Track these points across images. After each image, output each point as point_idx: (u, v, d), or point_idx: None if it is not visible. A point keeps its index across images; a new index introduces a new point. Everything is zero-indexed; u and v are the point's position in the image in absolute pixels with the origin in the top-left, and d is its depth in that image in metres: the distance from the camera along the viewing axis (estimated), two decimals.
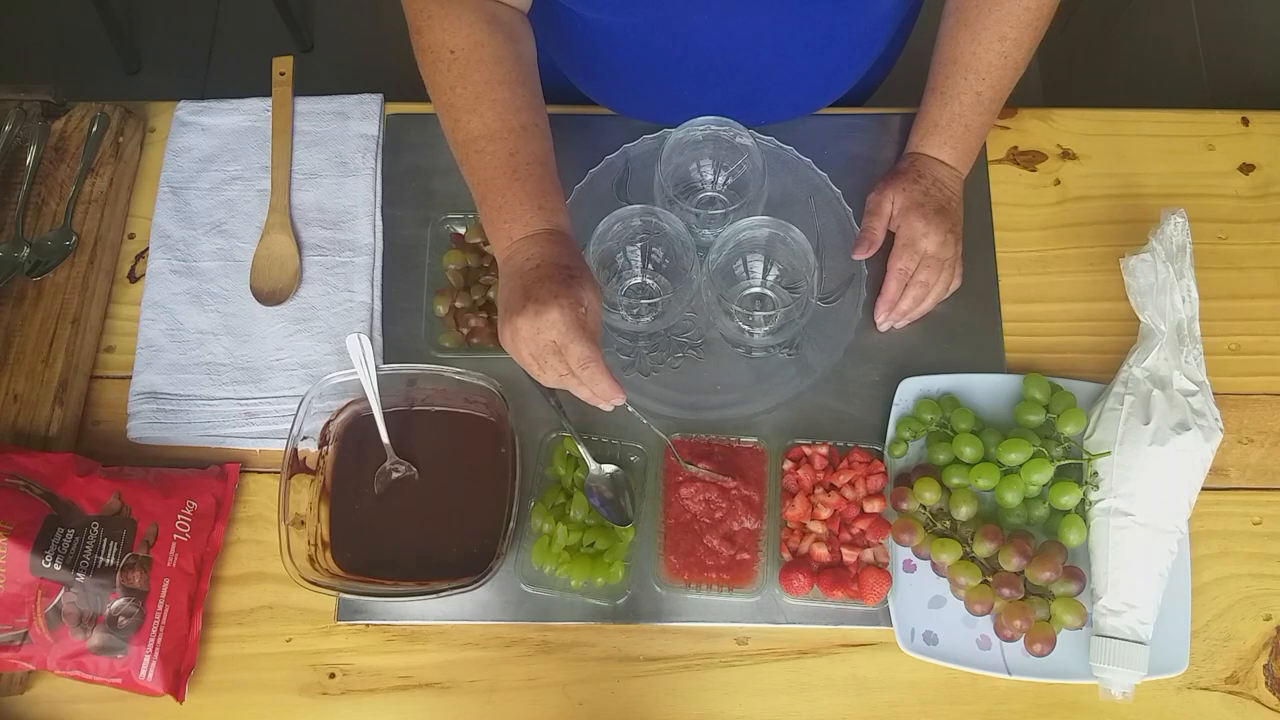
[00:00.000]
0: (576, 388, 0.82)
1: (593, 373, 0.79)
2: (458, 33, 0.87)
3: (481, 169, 0.86)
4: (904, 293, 0.97)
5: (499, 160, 0.85)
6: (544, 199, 0.84)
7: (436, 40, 0.88)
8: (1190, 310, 0.92)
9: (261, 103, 1.08)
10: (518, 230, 0.83)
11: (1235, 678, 0.89)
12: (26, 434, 0.93)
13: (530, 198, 0.84)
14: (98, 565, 0.85)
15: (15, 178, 1.03)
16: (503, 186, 0.84)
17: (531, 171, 0.85)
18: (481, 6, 0.89)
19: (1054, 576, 0.85)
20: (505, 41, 0.88)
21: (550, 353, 0.79)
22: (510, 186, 0.84)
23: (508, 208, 0.84)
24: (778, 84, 0.99)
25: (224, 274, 1.01)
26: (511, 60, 0.88)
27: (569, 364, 0.79)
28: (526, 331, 0.78)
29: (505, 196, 0.84)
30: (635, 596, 0.90)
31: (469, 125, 0.86)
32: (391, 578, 0.91)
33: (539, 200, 0.84)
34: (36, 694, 0.89)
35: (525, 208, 0.83)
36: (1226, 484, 0.94)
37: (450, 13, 0.88)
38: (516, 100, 0.87)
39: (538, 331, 0.78)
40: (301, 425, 0.91)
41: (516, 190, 0.84)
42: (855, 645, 0.90)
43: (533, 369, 0.81)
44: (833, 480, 0.92)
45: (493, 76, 0.87)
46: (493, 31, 0.88)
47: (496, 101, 0.86)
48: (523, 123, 0.86)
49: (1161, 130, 1.07)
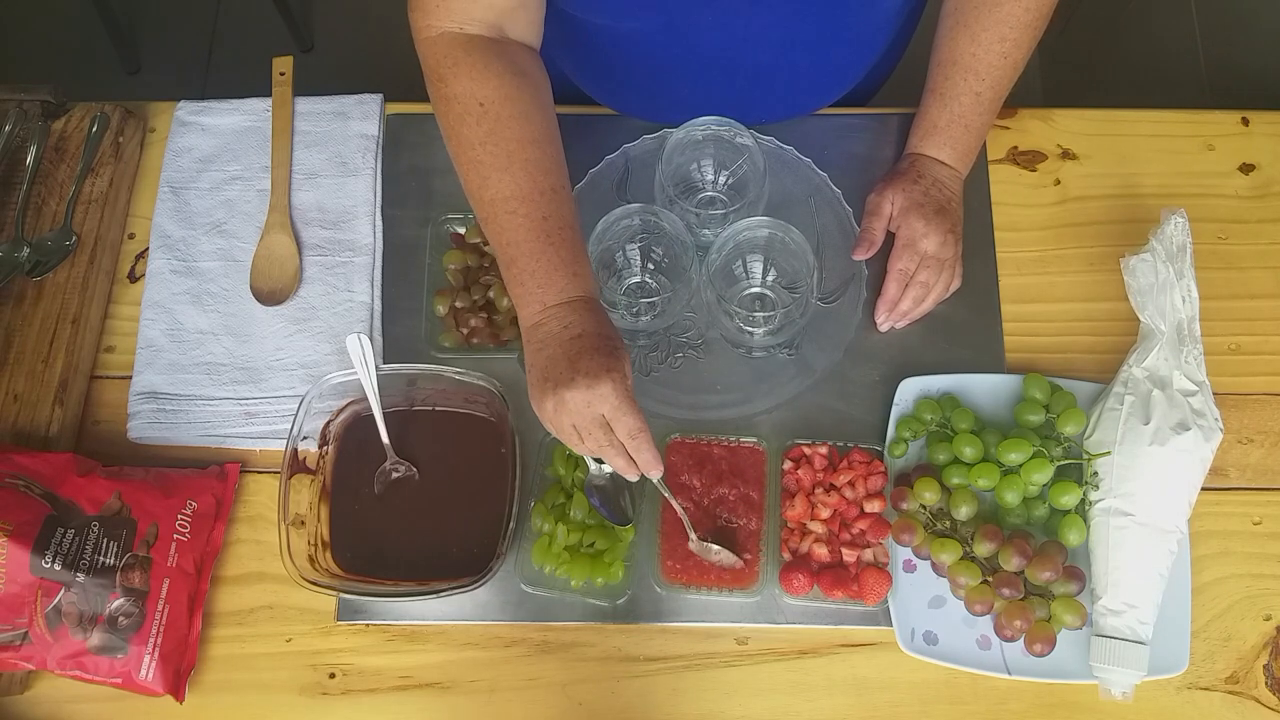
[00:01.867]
0: (611, 458, 0.81)
1: (640, 444, 0.80)
2: (487, 84, 0.85)
3: (512, 231, 0.83)
4: (904, 293, 0.97)
5: (532, 223, 0.83)
6: (577, 265, 0.83)
7: (464, 90, 0.85)
8: (1190, 310, 0.91)
9: (261, 103, 1.08)
10: (551, 296, 0.82)
11: (1235, 678, 0.89)
12: (26, 434, 0.93)
13: (565, 264, 0.82)
14: (98, 565, 0.85)
15: (15, 178, 1.03)
16: (536, 251, 0.82)
17: (565, 237, 0.83)
18: (505, 54, 0.87)
19: (1054, 576, 0.85)
20: (533, 94, 0.87)
21: (597, 426, 0.79)
22: (545, 251, 0.82)
23: (542, 272, 0.82)
24: (779, 84, 0.99)
25: (224, 274, 1.01)
26: (540, 117, 0.86)
27: (619, 435, 0.80)
28: (576, 404, 0.78)
29: (540, 261, 0.82)
30: (635, 596, 0.90)
31: (499, 185, 0.84)
32: (391, 578, 0.91)
33: (573, 266, 0.82)
34: (36, 694, 0.89)
35: (560, 273, 0.82)
36: (1226, 484, 0.94)
37: (478, 61, 0.85)
38: (547, 161, 0.85)
39: (588, 405, 0.78)
40: (301, 425, 0.91)
41: (551, 255, 0.82)
42: (855, 645, 0.90)
43: (571, 439, 0.81)
44: (833, 480, 0.92)
45: (524, 135, 0.85)
46: (521, 84, 0.86)
47: (529, 162, 0.84)
48: (553, 184, 0.84)
49: (1161, 130, 1.07)
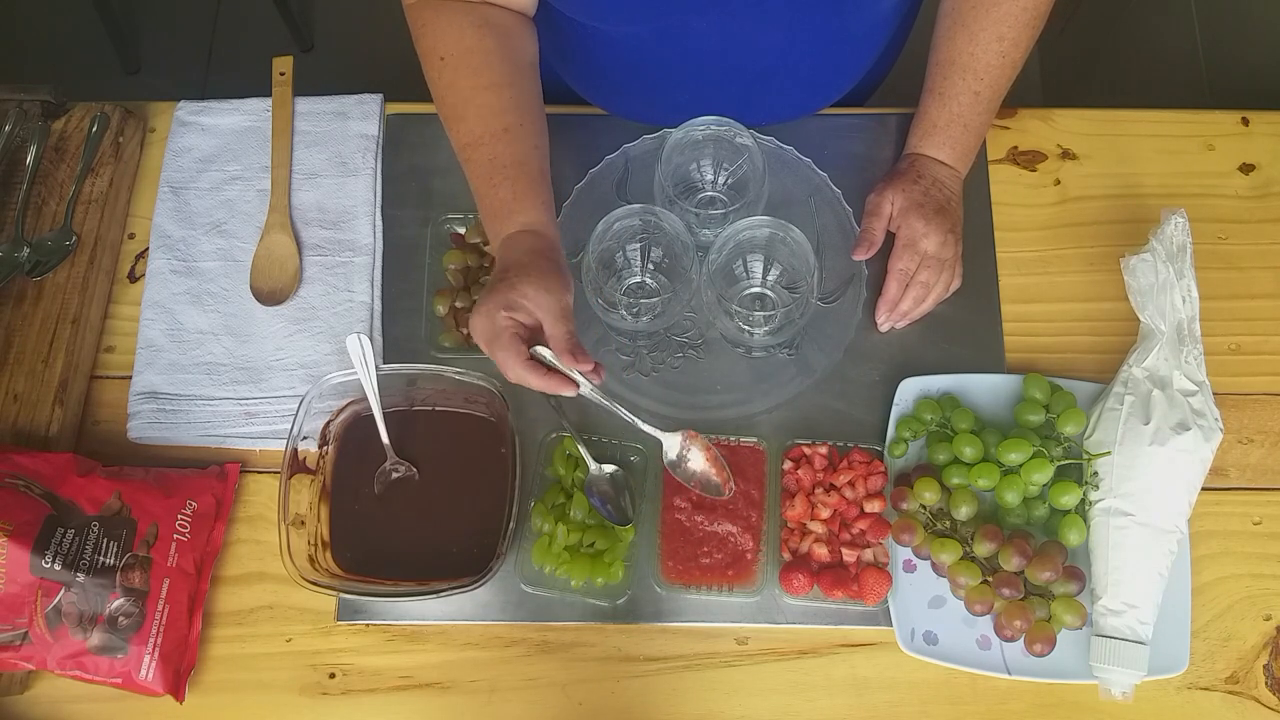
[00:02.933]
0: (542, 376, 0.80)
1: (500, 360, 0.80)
2: (447, 38, 0.88)
3: (471, 176, 0.88)
4: (904, 293, 0.97)
5: (480, 167, 0.87)
6: (515, 202, 0.85)
7: (429, 46, 0.89)
8: (1190, 310, 0.91)
9: (261, 103, 1.08)
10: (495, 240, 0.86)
11: (1235, 678, 0.89)
12: (26, 434, 0.93)
13: (504, 204, 0.85)
14: (98, 565, 0.85)
15: (15, 178, 1.03)
16: (484, 193, 0.86)
17: (508, 174, 0.86)
18: (474, 11, 0.89)
19: (1054, 576, 0.85)
20: (496, 44, 0.89)
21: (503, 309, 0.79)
22: (488, 193, 0.86)
23: (489, 217, 0.87)
24: (777, 87, 0.99)
25: (224, 274, 1.01)
26: (500, 62, 0.89)
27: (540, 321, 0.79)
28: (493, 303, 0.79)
29: (486, 203, 0.86)
30: (635, 596, 0.90)
31: (458, 132, 0.88)
32: (391, 578, 0.91)
33: (510, 204, 0.85)
34: (36, 694, 0.89)
35: (499, 215, 0.86)
36: (1226, 484, 0.94)
37: (442, 18, 0.89)
38: (501, 103, 0.87)
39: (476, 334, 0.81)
40: (301, 425, 0.91)
41: (492, 197, 0.86)
42: (855, 645, 0.90)
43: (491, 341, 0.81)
44: (833, 480, 0.92)
45: (478, 81, 0.87)
46: (483, 35, 0.88)
47: (481, 106, 0.87)
48: (506, 124, 0.87)
49: (1161, 130, 1.07)
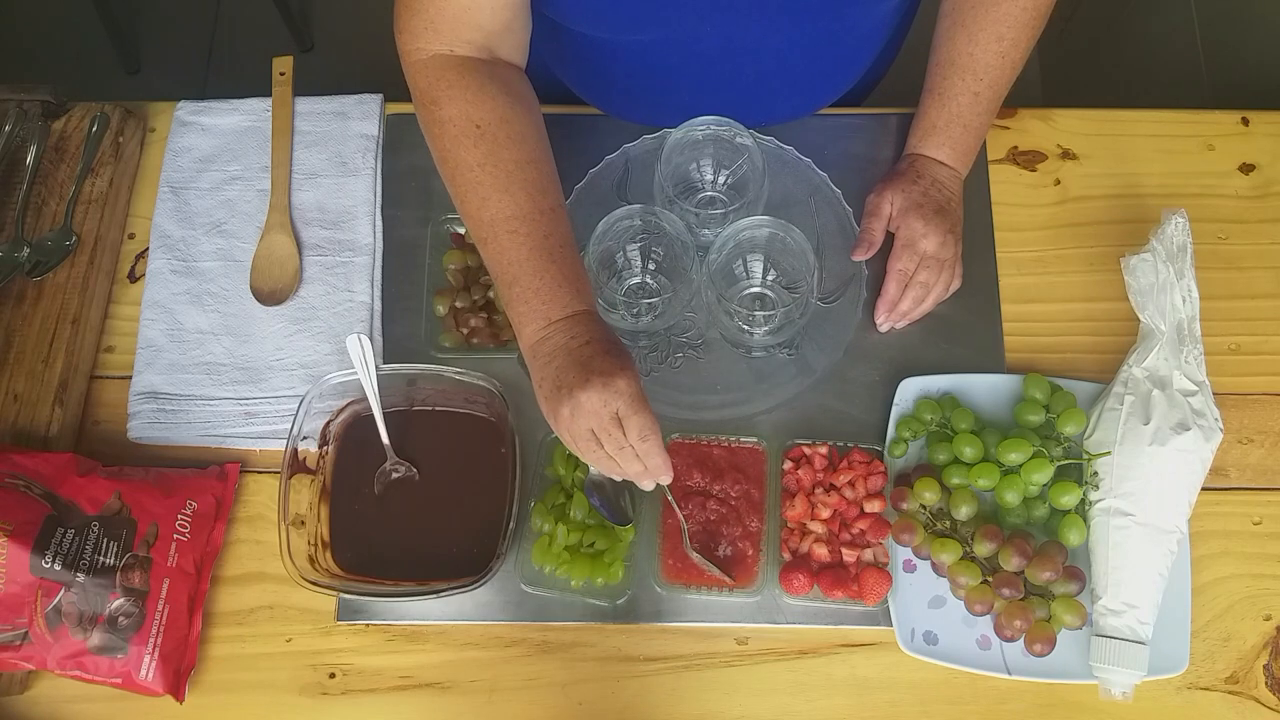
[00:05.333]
0: (626, 462, 0.80)
1: (651, 446, 0.79)
2: (482, 105, 0.85)
3: (513, 250, 0.84)
4: (904, 293, 0.97)
5: (534, 242, 0.83)
6: (579, 282, 0.83)
7: (459, 113, 0.85)
8: (1190, 310, 0.91)
9: (261, 103, 1.08)
10: (556, 311, 0.82)
11: (1235, 678, 0.89)
12: (26, 434, 0.93)
13: (568, 280, 0.83)
14: (98, 565, 0.85)
15: (15, 178, 1.03)
16: (539, 269, 0.83)
17: (566, 254, 0.84)
18: (497, 75, 0.88)
19: (1054, 576, 0.85)
20: (526, 115, 0.88)
21: (614, 425, 0.78)
22: (549, 268, 0.83)
23: (546, 290, 0.82)
24: (776, 89, 0.99)
25: (224, 274, 1.01)
26: (535, 138, 0.87)
27: (630, 435, 0.78)
28: (592, 404, 0.77)
29: (544, 278, 0.82)
30: (635, 596, 0.90)
31: (500, 205, 0.84)
32: (391, 578, 0.91)
33: (575, 283, 0.83)
34: (36, 694, 0.89)
35: (564, 289, 0.82)
36: (1226, 484, 0.94)
37: (472, 83, 0.86)
38: (544, 181, 0.86)
39: (605, 403, 0.77)
40: (301, 425, 0.91)
41: (554, 272, 0.83)
42: (855, 645, 0.90)
43: (588, 445, 0.80)
44: (833, 480, 0.92)
45: (521, 156, 0.85)
46: (515, 105, 0.87)
47: (528, 182, 0.85)
48: (551, 204, 0.85)
49: (1161, 130, 1.07)
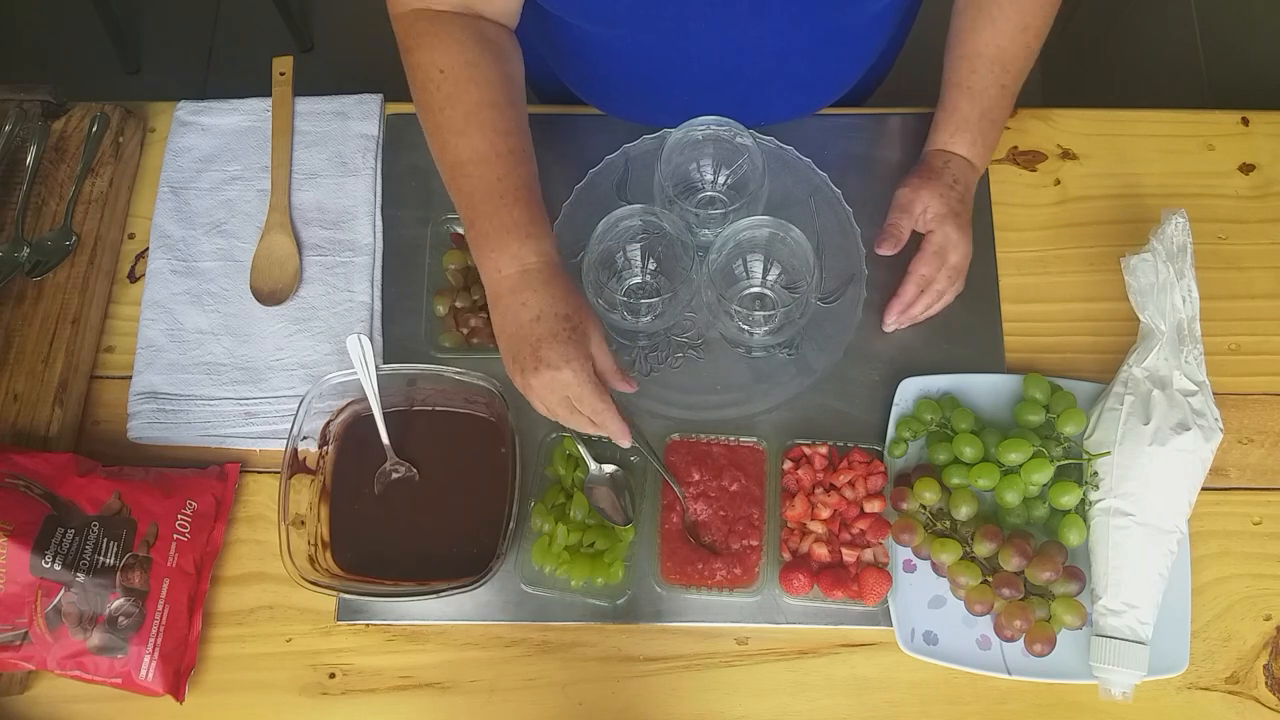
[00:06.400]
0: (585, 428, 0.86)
1: (605, 420, 0.84)
2: (448, 51, 0.87)
3: (469, 193, 0.86)
4: (919, 298, 0.96)
5: (486, 185, 0.85)
6: (531, 227, 0.84)
7: (427, 59, 0.87)
8: (1190, 310, 0.91)
9: (261, 103, 1.08)
10: (505, 262, 0.84)
11: (1235, 678, 0.89)
12: (26, 434, 0.93)
13: (518, 226, 0.84)
14: (98, 565, 0.85)
15: (15, 178, 1.03)
16: (489, 212, 0.84)
17: (519, 197, 0.85)
18: (472, 25, 0.89)
19: (1054, 576, 0.85)
20: (495, 62, 0.88)
21: (563, 406, 0.84)
22: (497, 212, 0.84)
23: (495, 234, 0.84)
24: (776, 89, 0.99)
25: (224, 274, 1.01)
26: (501, 81, 0.88)
27: (584, 414, 0.84)
28: (541, 390, 0.83)
29: (492, 222, 0.84)
30: (635, 596, 0.90)
31: (457, 148, 0.86)
32: (391, 578, 0.91)
33: (526, 228, 0.84)
34: (36, 694, 0.89)
35: (512, 236, 0.84)
36: (1226, 484, 0.94)
37: (441, 30, 0.88)
38: (505, 123, 0.87)
39: (551, 390, 0.83)
40: (301, 425, 0.91)
41: (503, 216, 0.84)
42: (855, 645, 0.90)
43: (544, 413, 0.86)
44: (833, 480, 0.92)
45: (483, 98, 0.86)
46: (483, 51, 0.88)
47: (485, 124, 0.86)
48: (510, 147, 0.86)
49: (1161, 130, 1.07)
